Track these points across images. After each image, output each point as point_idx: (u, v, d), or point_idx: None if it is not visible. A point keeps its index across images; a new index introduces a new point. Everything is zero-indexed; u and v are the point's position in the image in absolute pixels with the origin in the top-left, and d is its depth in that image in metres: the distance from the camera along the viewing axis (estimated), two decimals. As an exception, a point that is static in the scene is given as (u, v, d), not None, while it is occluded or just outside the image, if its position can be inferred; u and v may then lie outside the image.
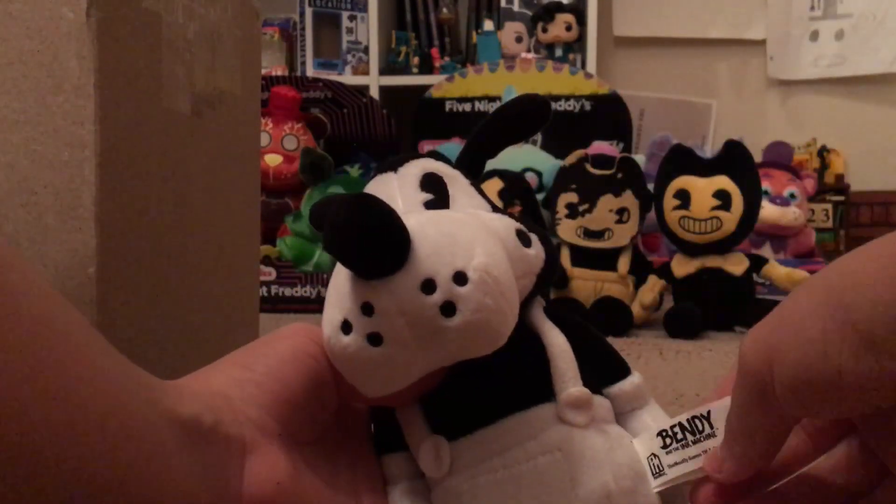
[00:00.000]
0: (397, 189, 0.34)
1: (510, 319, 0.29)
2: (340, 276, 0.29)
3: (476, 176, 0.36)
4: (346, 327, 0.28)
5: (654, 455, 0.30)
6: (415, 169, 0.35)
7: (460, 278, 0.27)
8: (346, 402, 0.33)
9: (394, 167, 0.35)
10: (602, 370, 0.33)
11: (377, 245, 0.26)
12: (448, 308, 0.27)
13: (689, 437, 0.29)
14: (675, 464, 0.29)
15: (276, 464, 0.28)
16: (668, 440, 0.30)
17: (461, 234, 0.28)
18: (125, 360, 0.25)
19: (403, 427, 0.33)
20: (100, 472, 0.22)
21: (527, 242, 0.32)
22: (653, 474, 0.30)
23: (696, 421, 0.29)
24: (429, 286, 0.27)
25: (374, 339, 0.28)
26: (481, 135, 0.37)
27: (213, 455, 0.26)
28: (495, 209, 0.34)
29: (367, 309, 0.27)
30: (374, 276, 0.27)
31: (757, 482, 0.27)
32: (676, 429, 0.30)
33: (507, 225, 0.31)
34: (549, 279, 0.33)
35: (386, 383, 0.29)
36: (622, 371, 0.34)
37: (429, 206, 0.33)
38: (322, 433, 0.32)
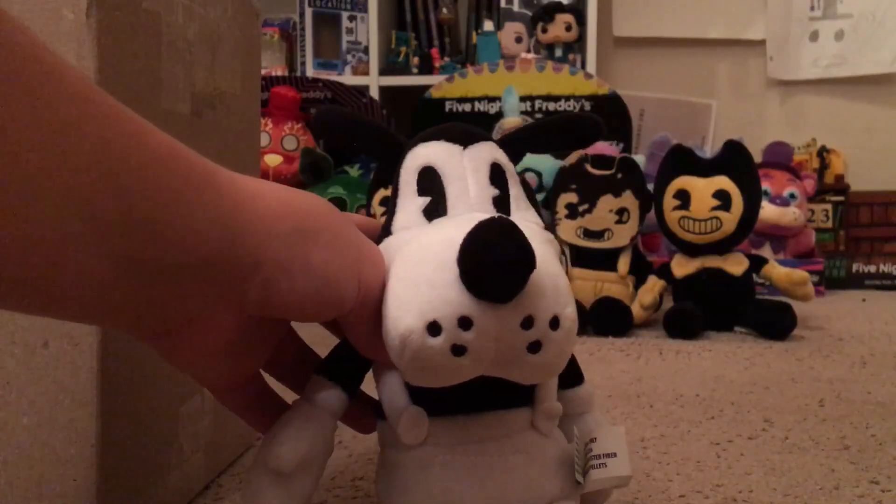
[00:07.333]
0: (470, 174, 0.35)
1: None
2: (435, 272, 0.29)
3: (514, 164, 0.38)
4: (434, 329, 0.28)
5: (582, 464, 0.36)
6: (485, 153, 0.36)
7: (555, 323, 0.29)
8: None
9: (462, 142, 0.36)
10: (563, 376, 0.37)
11: (514, 275, 0.28)
12: (535, 346, 0.29)
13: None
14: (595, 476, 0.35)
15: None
16: (590, 455, 0.35)
17: (560, 278, 0.30)
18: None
19: (381, 395, 0.35)
20: None
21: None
22: (580, 482, 0.35)
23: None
24: (528, 323, 0.29)
25: (460, 350, 0.28)
26: (536, 129, 0.40)
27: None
28: (533, 201, 0.37)
29: (465, 323, 0.28)
30: (494, 299, 0.28)
31: None
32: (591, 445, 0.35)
33: (557, 251, 0.35)
34: None
35: (439, 381, 0.30)
36: (578, 378, 0.39)
37: (496, 202, 0.35)
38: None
